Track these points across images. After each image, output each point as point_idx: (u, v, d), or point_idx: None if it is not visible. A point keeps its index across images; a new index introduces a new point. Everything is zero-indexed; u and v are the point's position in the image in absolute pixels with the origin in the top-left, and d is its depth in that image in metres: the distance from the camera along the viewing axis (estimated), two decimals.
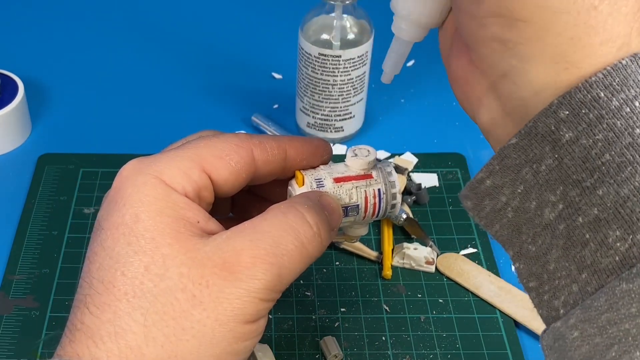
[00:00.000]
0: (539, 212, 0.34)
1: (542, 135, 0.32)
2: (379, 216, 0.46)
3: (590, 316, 0.31)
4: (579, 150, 0.31)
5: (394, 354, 0.54)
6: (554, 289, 0.34)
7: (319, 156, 0.46)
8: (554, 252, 0.33)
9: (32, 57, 0.81)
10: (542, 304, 0.35)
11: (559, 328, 0.33)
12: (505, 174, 0.34)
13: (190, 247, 0.38)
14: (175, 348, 0.36)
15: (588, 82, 0.31)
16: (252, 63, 0.81)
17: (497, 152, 0.34)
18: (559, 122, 0.32)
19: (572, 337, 0.32)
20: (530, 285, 0.35)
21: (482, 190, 0.36)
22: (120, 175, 0.41)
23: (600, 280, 0.32)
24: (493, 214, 0.36)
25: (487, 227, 0.37)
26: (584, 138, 0.31)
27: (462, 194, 0.37)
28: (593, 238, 0.32)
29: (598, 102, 0.31)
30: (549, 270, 0.34)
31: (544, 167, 0.33)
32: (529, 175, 0.33)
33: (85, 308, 0.37)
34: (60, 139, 0.72)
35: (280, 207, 0.41)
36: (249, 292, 0.37)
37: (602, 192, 0.31)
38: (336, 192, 0.45)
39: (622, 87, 0.31)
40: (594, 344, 0.31)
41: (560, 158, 0.32)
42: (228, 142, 0.43)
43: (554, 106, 0.32)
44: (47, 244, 0.61)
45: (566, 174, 0.32)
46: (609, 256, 0.31)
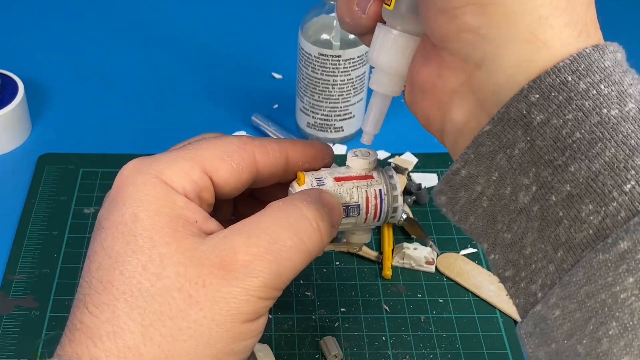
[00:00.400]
0: (514, 197, 0.34)
1: (514, 120, 0.33)
2: (380, 219, 0.46)
3: (570, 292, 0.32)
4: (550, 130, 0.32)
5: (394, 354, 0.54)
6: (530, 274, 0.34)
7: (321, 159, 0.46)
8: (530, 235, 0.34)
9: (32, 57, 0.81)
10: (519, 292, 0.35)
11: (539, 311, 0.33)
12: (480, 162, 0.35)
13: (188, 246, 0.38)
14: (172, 348, 0.36)
15: (556, 67, 0.32)
16: (252, 63, 0.81)
17: (472, 141, 0.35)
18: (530, 105, 0.32)
19: (553, 316, 0.32)
20: (506, 274, 0.36)
21: (457, 182, 0.36)
22: (121, 174, 0.41)
23: (576, 255, 0.32)
24: (468, 205, 0.36)
25: (461, 221, 0.37)
26: (555, 119, 0.32)
27: (436, 189, 0.38)
28: (566, 214, 0.32)
29: (566, 85, 0.32)
30: (525, 255, 0.34)
31: (517, 151, 0.33)
32: (503, 161, 0.34)
33: (85, 308, 0.37)
34: (60, 139, 0.72)
35: (278, 203, 0.41)
36: (247, 291, 0.37)
37: (574, 169, 0.32)
38: (337, 190, 0.45)
39: (588, 72, 0.32)
40: (575, 320, 0.31)
41: (532, 140, 0.33)
42: (230, 143, 0.43)
43: (524, 91, 0.32)
44: (47, 244, 0.61)
45: (538, 155, 0.33)
46: (582, 230, 0.32)
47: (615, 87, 0.32)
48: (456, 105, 0.36)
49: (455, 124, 0.36)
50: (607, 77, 0.32)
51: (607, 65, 0.32)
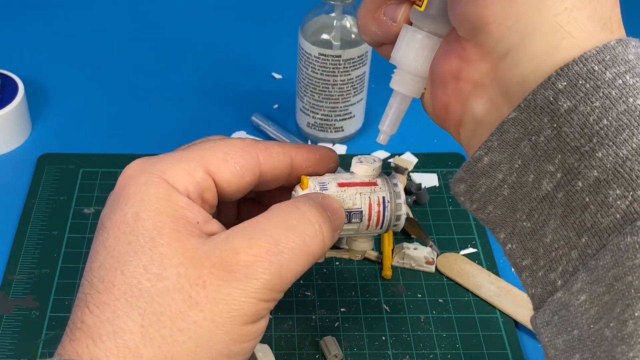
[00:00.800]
0: (537, 185, 0.34)
1: (540, 107, 0.33)
2: (383, 227, 0.46)
3: (598, 276, 0.32)
4: (577, 117, 0.33)
5: (394, 354, 0.54)
6: (550, 262, 0.34)
7: (325, 164, 0.46)
8: (552, 222, 0.34)
9: (32, 57, 0.81)
10: (536, 281, 0.35)
11: (560, 299, 0.33)
12: (504, 149, 0.35)
13: (189, 247, 0.38)
14: (171, 349, 0.36)
15: (583, 57, 0.33)
16: (252, 63, 0.81)
17: (497, 128, 0.35)
18: (557, 93, 0.33)
19: (578, 302, 0.33)
20: (523, 263, 0.36)
21: (478, 169, 0.36)
22: (124, 174, 0.41)
23: (602, 240, 0.32)
24: (488, 193, 0.37)
25: (479, 210, 0.37)
26: (582, 106, 0.32)
27: (455, 178, 0.38)
28: (593, 200, 0.32)
29: (593, 74, 0.33)
30: (545, 244, 0.35)
31: (543, 138, 0.34)
32: (527, 149, 0.34)
33: (86, 307, 0.37)
34: (60, 139, 0.72)
35: (281, 206, 0.41)
36: (247, 293, 0.37)
37: (602, 154, 0.32)
38: (339, 195, 0.44)
39: (613, 63, 0.33)
40: (603, 303, 0.32)
41: (558, 127, 0.33)
42: (233, 145, 0.43)
43: (552, 78, 0.33)
44: (47, 244, 0.61)
45: (565, 142, 0.33)
46: (609, 215, 0.32)
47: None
48: (477, 97, 0.36)
49: (474, 115, 0.37)
50: (631, 69, 0.33)
51: (630, 58, 0.33)
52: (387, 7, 0.41)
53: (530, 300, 0.37)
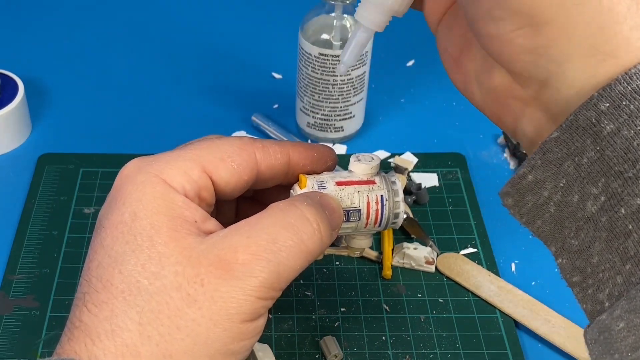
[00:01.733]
0: (582, 205, 0.34)
1: (583, 128, 0.32)
2: (381, 225, 0.46)
3: (636, 306, 0.31)
4: (620, 141, 0.31)
5: (394, 353, 0.54)
6: (598, 282, 0.34)
7: (323, 162, 0.46)
8: (597, 244, 0.33)
9: (32, 57, 0.81)
10: (587, 298, 0.35)
11: (604, 321, 0.33)
12: (547, 168, 0.34)
13: (186, 245, 0.38)
14: (169, 347, 0.36)
15: (628, 75, 0.31)
16: (252, 63, 0.81)
17: (539, 147, 0.34)
18: (599, 114, 0.32)
19: (617, 328, 0.32)
20: (573, 280, 0.35)
21: (523, 186, 0.36)
22: (121, 173, 0.41)
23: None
24: (535, 209, 0.36)
25: (528, 223, 0.37)
26: (626, 129, 0.31)
27: (502, 191, 0.37)
28: (636, 228, 0.32)
29: (638, 94, 0.31)
30: (593, 264, 0.34)
31: (586, 160, 0.33)
32: (571, 169, 0.33)
33: (84, 306, 0.37)
34: (60, 139, 0.72)
35: (279, 205, 0.41)
36: (245, 291, 0.37)
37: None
38: (338, 194, 0.44)
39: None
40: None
41: (601, 150, 0.32)
42: (230, 144, 0.43)
43: (594, 99, 0.32)
44: (47, 244, 0.61)
45: (608, 166, 0.32)
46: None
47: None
48: (527, 117, 0.36)
49: (526, 135, 0.36)
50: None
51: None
52: None
53: (529, 300, 0.37)
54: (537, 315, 0.56)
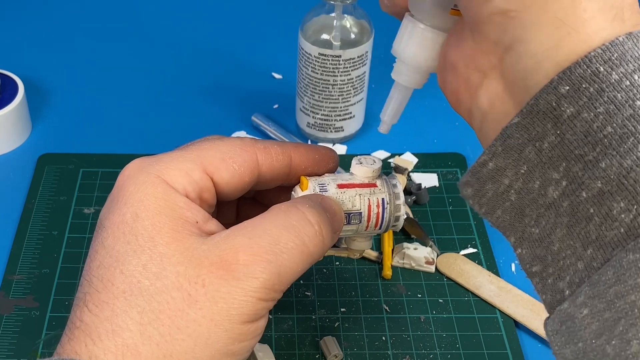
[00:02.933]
0: (543, 192, 0.34)
1: (543, 112, 0.32)
2: (382, 228, 0.46)
3: (599, 291, 0.31)
4: (580, 124, 0.32)
5: (394, 354, 0.54)
6: (558, 270, 0.34)
7: (325, 164, 0.46)
8: (558, 231, 0.33)
9: (32, 57, 0.81)
10: (546, 288, 0.35)
11: (566, 309, 0.33)
12: (509, 154, 0.34)
13: (188, 246, 0.38)
14: (170, 347, 0.36)
15: (587, 57, 0.31)
16: (252, 63, 0.81)
17: (500, 133, 0.34)
18: (559, 97, 0.32)
19: (581, 315, 0.32)
20: (533, 269, 0.35)
21: (484, 174, 0.36)
22: (122, 174, 0.41)
23: (606, 254, 0.31)
24: (495, 198, 0.36)
25: (487, 214, 0.37)
26: (585, 112, 0.31)
27: (462, 181, 0.37)
28: (597, 212, 0.32)
29: (598, 76, 0.31)
30: (553, 251, 0.34)
31: (547, 145, 0.33)
32: (532, 154, 0.33)
33: (85, 306, 0.38)
34: (60, 139, 0.72)
35: (281, 206, 0.41)
36: (247, 292, 0.37)
37: (605, 165, 0.31)
38: (339, 197, 0.44)
39: (621, 62, 0.31)
40: (604, 320, 0.31)
41: (562, 134, 0.32)
42: (232, 145, 0.43)
43: (554, 82, 0.32)
44: (47, 244, 0.61)
45: (568, 150, 0.32)
46: (613, 229, 0.31)
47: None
48: (484, 88, 0.36)
49: (480, 108, 0.36)
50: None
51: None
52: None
53: (529, 300, 0.36)
54: (537, 315, 0.56)
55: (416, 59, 0.41)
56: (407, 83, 0.42)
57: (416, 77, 0.42)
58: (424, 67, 0.41)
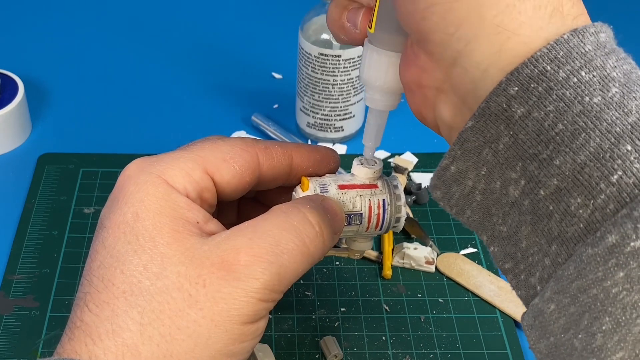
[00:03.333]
0: (504, 191, 0.34)
1: (495, 115, 0.33)
2: (382, 229, 0.46)
3: (563, 286, 0.31)
4: (532, 124, 0.32)
5: (394, 353, 0.54)
6: (529, 267, 0.34)
7: (326, 165, 0.46)
8: (524, 228, 0.34)
9: (32, 57, 0.81)
10: (520, 284, 0.35)
11: (537, 304, 0.33)
12: (468, 157, 0.35)
13: (189, 246, 0.38)
14: (170, 347, 0.36)
15: (534, 57, 0.32)
16: (252, 63, 0.81)
17: (457, 137, 0.35)
18: (509, 99, 0.32)
19: (549, 310, 0.32)
20: (506, 267, 0.36)
21: (448, 177, 0.36)
22: (123, 174, 0.41)
23: (569, 249, 0.32)
24: (462, 199, 0.36)
25: (458, 214, 0.37)
26: (536, 111, 0.32)
27: (430, 184, 0.38)
28: (556, 209, 0.32)
29: (545, 75, 0.31)
30: (522, 248, 0.34)
31: (502, 146, 0.33)
32: (490, 156, 0.34)
33: (85, 306, 0.38)
34: (60, 139, 0.72)
35: (281, 207, 0.41)
36: (247, 292, 0.37)
37: (559, 162, 0.31)
38: (340, 198, 0.44)
39: (567, 59, 0.31)
40: (570, 314, 0.31)
41: (515, 134, 0.32)
42: (233, 145, 0.43)
43: (503, 84, 0.32)
44: (47, 244, 0.61)
45: (523, 149, 0.32)
46: (573, 224, 0.31)
47: (597, 72, 0.31)
48: (442, 103, 0.36)
49: (444, 121, 0.36)
50: (588, 63, 0.31)
51: (587, 49, 0.32)
52: (349, 13, 0.41)
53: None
54: None
55: (382, 84, 0.41)
56: (380, 107, 0.43)
57: (388, 100, 0.42)
58: (393, 90, 0.41)
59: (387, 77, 0.41)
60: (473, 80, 0.33)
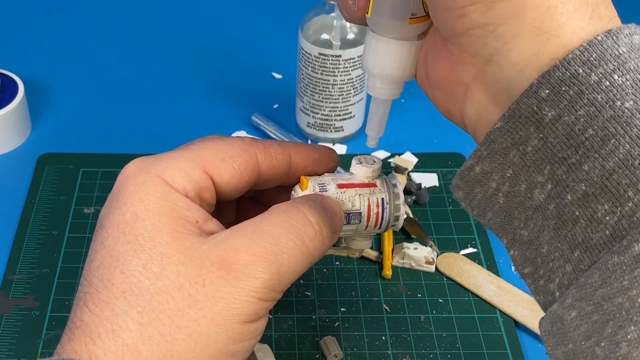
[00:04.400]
0: (529, 195, 0.34)
1: (525, 117, 0.32)
2: (381, 227, 0.46)
3: (586, 294, 0.31)
4: (562, 127, 0.32)
5: (394, 353, 0.54)
6: (548, 273, 0.34)
7: (325, 164, 0.46)
8: (546, 233, 0.33)
9: (32, 57, 0.81)
10: (539, 289, 0.35)
11: (555, 311, 0.33)
12: (494, 158, 0.34)
13: (188, 245, 0.38)
14: (170, 347, 0.36)
15: (566, 60, 0.31)
16: (252, 63, 0.81)
17: (484, 138, 0.34)
18: (540, 101, 0.32)
19: (570, 317, 0.32)
20: (525, 271, 0.35)
21: (472, 178, 0.36)
22: (122, 173, 0.41)
23: (593, 256, 0.32)
24: (485, 201, 0.36)
25: (479, 216, 0.37)
26: (566, 115, 0.31)
27: (453, 184, 0.38)
28: (583, 214, 0.32)
29: (577, 79, 0.31)
30: (543, 254, 0.34)
31: (530, 148, 0.33)
32: (517, 158, 0.34)
33: (85, 306, 0.37)
34: (60, 139, 0.72)
35: (281, 206, 0.41)
36: (247, 292, 0.37)
37: (588, 167, 0.31)
38: (339, 197, 0.44)
39: (600, 62, 0.31)
40: (592, 322, 0.31)
41: (544, 137, 0.32)
42: (232, 145, 0.43)
43: (534, 86, 0.32)
44: (47, 244, 0.61)
45: (552, 153, 0.32)
46: (599, 231, 0.31)
47: (631, 75, 0.31)
48: (470, 100, 0.36)
49: (470, 118, 0.36)
50: (621, 66, 0.31)
51: (621, 51, 0.31)
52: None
53: (529, 299, 0.37)
54: (537, 315, 0.56)
55: (385, 72, 0.41)
56: (382, 96, 0.42)
57: (391, 89, 0.42)
58: (396, 79, 0.41)
59: (394, 65, 0.40)
60: (508, 79, 0.33)
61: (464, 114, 0.37)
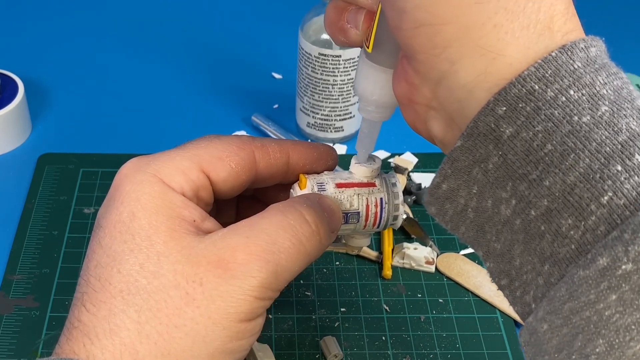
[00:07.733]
0: (496, 210, 0.34)
1: (484, 135, 0.32)
2: (380, 227, 0.46)
3: (555, 307, 0.31)
4: (520, 144, 0.31)
5: (394, 353, 0.54)
6: (523, 285, 0.34)
7: (324, 162, 0.46)
8: (517, 247, 0.33)
9: (32, 57, 0.81)
10: (516, 300, 0.35)
11: (531, 323, 0.33)
12: (458, 176, 0.34)
13: (185, 244, 0.38)
14: (168, 345, 0.36)
15: (521, 77, 0.31)
16: (252, 63, 0.81)
17: (447, 156, 0.34)
18: (497, 119, 0.32)
19: (542, 330, 0.32)
20: (502, 283, 0.35)
21: (440, 195, 0.36)
22: (119, 173, 0.41)
23: (561, 270, 0.32)
24: (456, 216, 0.36)
25: (453, 230, 0.37)
26: (524, 131, 0.31)
27: (425, 201, 0.38)
28: (548, 229, 0.32)
29: (533, 95, 0.31)
30: (516, 266, 0.34)
31: (491, 165, 0.33)
32: (480, 175, 0.33)
33: (82, 306, 0.38)
34: (60, 139, 0.72)
35: (278, 206, 0.41)
36: (244, 290, 0.37)
37: (549, 183, 0.31)
38: (337, 196, 0.44)
39: (555, 78, 0.31)
40: (562, 335, 0.31)
41: (504, 154, 0.32)
42: (228, 143, 0.43)
43: (491, 104, 0.32)
44: (47, 244, 0.61)
45: (512, 169, 0.32)
46: (565, 245, 0.31)
47: (587, 90, 0.31)
48: (432, 119, 0.36)
49: (437, 135, 0.36)
50: (576, 81, 0.31)
51: (576, 66, 0.31)
52: (349, 15, 0.40)
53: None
54: None
55: (378, 98, 0.41)
56: (376, 120, 0.43)
57: (385, 112, 0.42)
58: (388, 104, 0.41)
59: (382, 92, 0.40)
60: (459, 100, 0.33)
61: (430, 132, 0.37)
